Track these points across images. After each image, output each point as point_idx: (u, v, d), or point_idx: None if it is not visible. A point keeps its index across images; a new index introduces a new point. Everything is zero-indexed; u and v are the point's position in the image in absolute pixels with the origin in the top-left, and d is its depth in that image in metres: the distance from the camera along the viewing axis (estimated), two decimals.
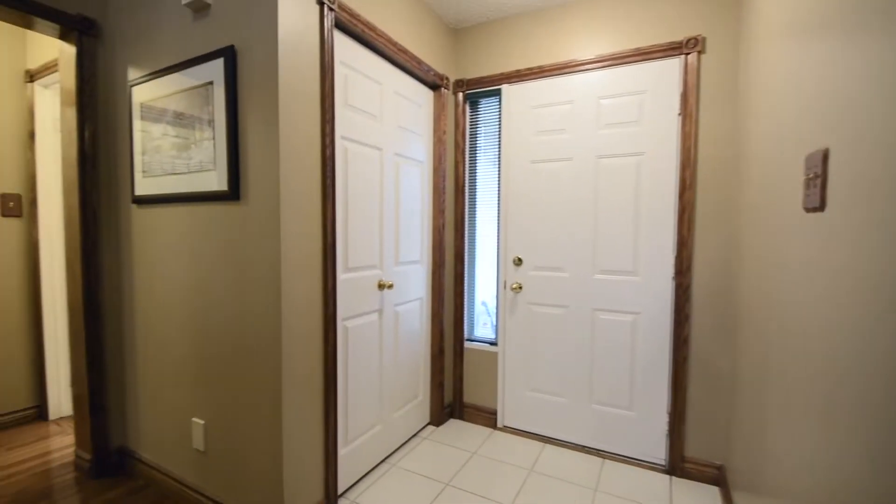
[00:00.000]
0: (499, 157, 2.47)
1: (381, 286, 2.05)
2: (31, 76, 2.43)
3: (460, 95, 2.51)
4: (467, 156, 2.56)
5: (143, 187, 1.87)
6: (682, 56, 1.97)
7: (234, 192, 1.55)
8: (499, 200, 2.47)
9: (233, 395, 1.63)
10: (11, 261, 2.46)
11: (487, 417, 2.52)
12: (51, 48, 2.37)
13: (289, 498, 1.54)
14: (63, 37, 1.87)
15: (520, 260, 2.40)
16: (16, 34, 2.46)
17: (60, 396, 2.59)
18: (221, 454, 1.68)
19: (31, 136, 2.47)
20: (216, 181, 1.60)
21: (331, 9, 1.61)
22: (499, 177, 2.47)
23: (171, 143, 1.74)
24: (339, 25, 1.72)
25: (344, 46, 1.77)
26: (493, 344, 2.54)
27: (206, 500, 1.72)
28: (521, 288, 2.40)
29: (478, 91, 2.48)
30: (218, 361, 1.67)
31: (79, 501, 1.79)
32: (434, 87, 2.42)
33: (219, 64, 1.55)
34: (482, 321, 2.65)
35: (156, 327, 1.88)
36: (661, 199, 2.05)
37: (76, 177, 1.92)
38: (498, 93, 2.43)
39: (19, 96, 2.47)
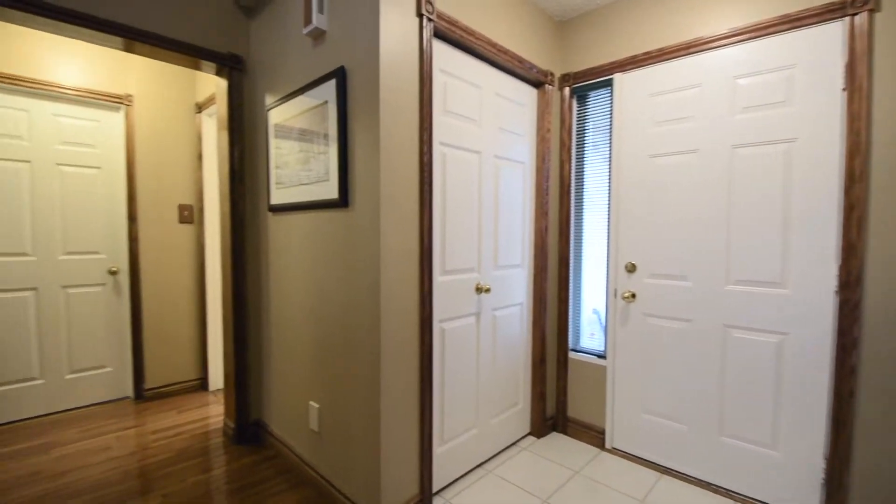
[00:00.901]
0: (609, 154, 2.27)
1: (478, 290, 2.04)
2: (199, 108, 2.99)
3: (566, 90, 2.38)
4: (573, 154, 2.41)
5: (276, 197, 2.15)
6: (847, 18, 1.57)
7: (343, 199, 1.69)
8: (609, 200, 2.28)
9: (341, 383, 1.78)
10: (186, 259, 3.05)
11: (594, 436, 2.33)
12: (211, 84, 2.87)
13: (385, 487, 1.62)
14: (218, 73, 2.25)
15: (633, 266, 2.18)
16: (188, 74, 3.04)
17: (217, 372, 3.12)
18: (331, 438, 1.84)
19: (200, 157, 3.03)
20: (330, 190, 1.76)
21: (430, 20, 1.65)
22: (609, 174, 2.28)
23: (296, 158, 1.97)
24: (438, 34, 1.75)
25: (443, 54, 1.80)
26: (602, 357, 2.35)
27: (319, 478, 1.90)
28: (634, 297, 2.17)
29: (586, 84, 2.32)
30: (330, 351, 1.84)
31: (224, 462, 2.14)
32: (537, 84, 2.33)
33: (332, 84, 1.70)
34: (589, 331, 2.47)
35: (284, 318, 2.15)
36: (819, 194, 1.67)
37: (228, 190, 2.29)
38: (609, 84, 2.24)
39: (191, 125, 3.05)
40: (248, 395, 2.36)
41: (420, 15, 1.62)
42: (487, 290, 2.06)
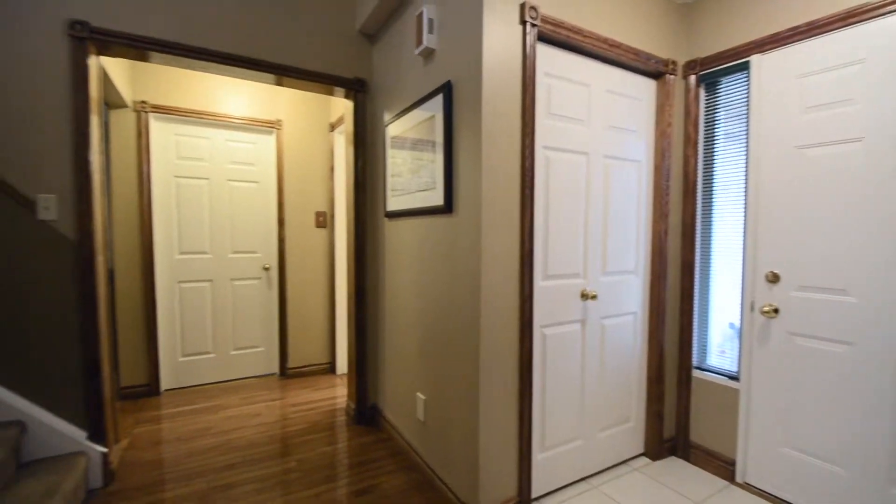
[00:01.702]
0: (745, 146, 1.99)
1: (584, 296, 1.97)
2: (332, 127, 3.41)
3: (692, 79, 2.15)
4: (700, 149, 2.17)
5: (391, 204, 2.35)
6: None
7: (447, 205, 1.79)
8: (745, 200, 1.99)
9: (444, 379, 1.88)
10: (320, 259, 3.51)
11: (721, 466, 2.06)
12: (341, 105, 3.25)
13: (484, 483, 1.66)
14: (346, 96, 2.55)
15: (775, 276, 1.87)
16: (323, 99, 3.49)
17: (342, 358, 3.52)
18: (435, 429, 1.95)
19: (332, 169, 3.45)
20: (436, 197, 1.88)
21: (533, 25, 1.65)
22: (745, 170, 1.99)
23: (408, 169, 2.14)
24: (543, 38, 1.74)
25: (547, 57, 1.78)
26: (734, 378, 2.06)
27: (423, 464, 2.03)
28: (776, 312, 1.87)
29: (715, 69, 2.07)
30: (434, 348, 1.95)
31: (346, 438, 2.42)
32: (656, 75, 2.15)
33: (439, 99, 1.81)
34: (718, 348, 2.19)
35: (396, 313, 2.34)
36: None
37: (353, 198, 2.58)
38: (744, 67, 1.97)
39: (325, 142, 3.49)
40: (367, 381, 2.62)
41: (523, 22, 1.64)
42: (594, 297, 1.97)
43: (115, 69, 2.58)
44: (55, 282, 1.87)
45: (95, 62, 1.98)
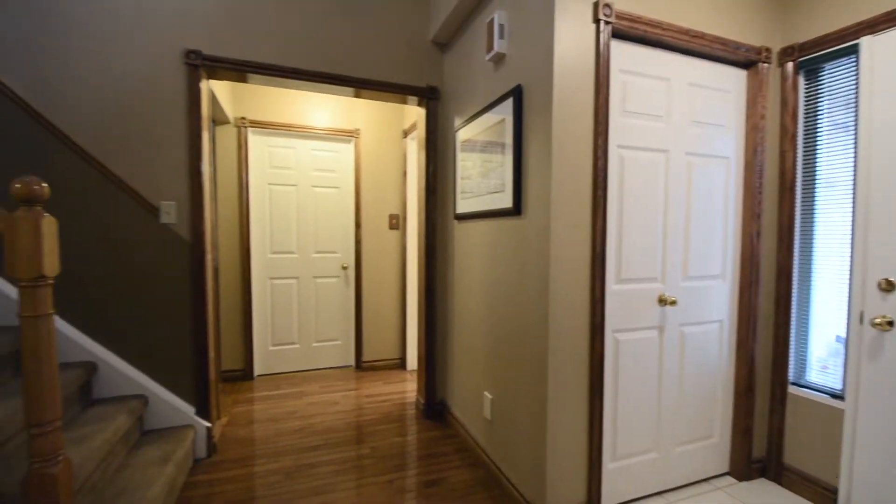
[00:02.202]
0: (855, 139, 1.78)
1: (661, 301, 1.88)
2: (405, 133, 3.56)
3: (789, 66, 1.96)
4: (800, 142, 1.97)
5: (460, 207, 2.42)
6: None
7: (516, 208, 1.81)
8: (854, 198, 1.78)
9: (511, 379, 1.90)
10: (393, 259, 3.68)
11: (821, 493, 1.85)
12: (413, 113, 3.39)
13: (551, 486, 1.65)
14: (419, 104, 2.67)
15: (890, 284, 1.65)
16: (397, 107, 3.67)
17: (412, 355, 3.66)
18: (502, 428, 1.98)
19: (404, 174, 3.61)
20: (505, 200, 1.91)
21: (607, 23, 1.62)
22: (854, 165, 1.78)
23: (477, 172, 2.19)
24: (618, 35, 1.70)
25: (622, 53, 1.74)
26: (838, 397, 1.84)
27: (490, 462, 2.07)
28: (890, 325, 1.65)
29: (817, 55, 1.87)
30: (501, 348, 1.98)
31: (415, 431, 2.52)
32: (747, 64, 1.99)
33: (509, 102, 1.84)
34: (820, 363, 1.97)
35: (464, 313, 2.40)
36: None
37: (424, 201, 2.68)
38: (852, 50, 1.76)
39: (399, 148, 3.66)
40: (435, 378, 2.71)
41: (597, 21, 1.61)
42: (673, 303, 1.87)
43: (220, 90, 2.93)
44: (174, 277, 2.18)
45: (206, 85, 2.28)
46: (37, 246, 1.16)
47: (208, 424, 2.25)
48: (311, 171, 3.57)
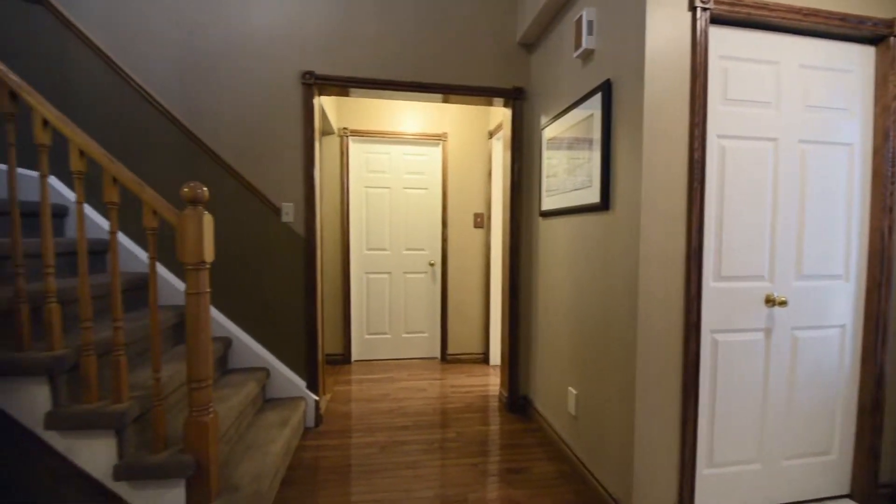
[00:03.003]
0: None
1: (769, 301, 1.75)
2: (490, 134, 3.67)
3: None
4: None
5: (546, 204, 2.46)
6: None
7: (604, 203, 1.81)
8: None
9: (597, 376, 1.90)
10: (477, 257, 3.81)
11: None
12: (499, 114, 3.48)
13: (638, 487, 1.63)
14: (505, 105, 2.76)
15: None
16: (483, 110, 3.78)
17: (495, 350, 3.74)
18: (587, 424, 1.98)
19: (489, 174, 3.71)
20: (591, 195, 1.92)
21: (704, 9, 1.57)
22: None
23: (563, 169, 2.22)
24: (717, 20, 1.63)
25: (722, 39, 1.66)
26: None
27: (574, 458, 2.08)
28: None
29: None
30: (586, 344, 1.99)
31: (497, 422, 2.61)
32: (874, 40, 1.77)
33: (598, 98, 1.85)
34: None
35: (548, 309, 2.43)
36: None
37: (509, 199, 2.76)
38: None
39: (484, 148, 3.78)
40: (518, 372, 2.77)
41: (693, 8, 1.57)
42: (783, 304, 1.73)
43: (327, 104, 3.29)
44: (292, 269, 2.52)
45: (317, 101, 2.59)
46: (199, 237, 1.46)
47: (316, 398, 2.56)
48: (402, 174, 3.84)
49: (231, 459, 1.84)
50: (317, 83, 2.49)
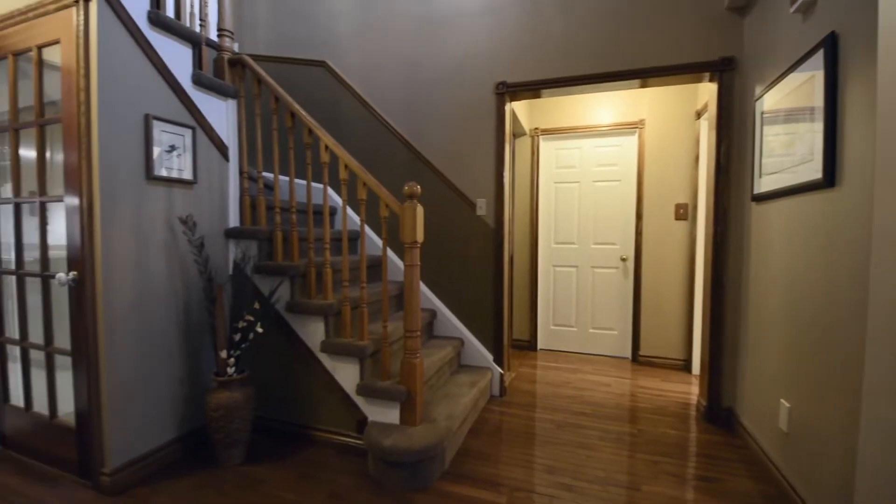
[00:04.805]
0: None
1: None
2: (698, 115, 3.28)
3: None
4: None
5: (758, 186, 2.13)
6: None
7: (828, 179, 1.51)
8: None
9: (816, 385, 1.58)
10: (678, 252, 3.46)
11: None
12: (707, 92, 3.07)
13: None
14: (710, 79, 2.48)
15: None
16: (688, 88, 3.40)
17: (699, 358, 3.33)
18: (801, 442, 1.67)
19: (696, 159, 3.33)
20: (812, 171, 1.61)
21: None
22: None
23: (780, 143, 1.90)
24: None
25: None
26: None
27: (781, 478, 1.76)
28: None
29: None
30: (803, 348, 1.67)
31: (689, 429, 2.38)
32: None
33: (819, 56, 1.55)
34: None
35: (759, 309, 2.10)
36: None
37: (713, 183, 2.48)
38: None
39: (690, 131, 3.40)
40: (721, 379, 2.44)
41: None
42: None
43: (519, 108, 3.58)
44: (483, 256, 2.90)
45: (509, 107, 2.89)
46: (414, 223, 1.93)
47: (501, 371, 2.87)
48: (593, 168, 3.81)
49: (432, 401, 2.30)
50: (508, 91, 2.79)
